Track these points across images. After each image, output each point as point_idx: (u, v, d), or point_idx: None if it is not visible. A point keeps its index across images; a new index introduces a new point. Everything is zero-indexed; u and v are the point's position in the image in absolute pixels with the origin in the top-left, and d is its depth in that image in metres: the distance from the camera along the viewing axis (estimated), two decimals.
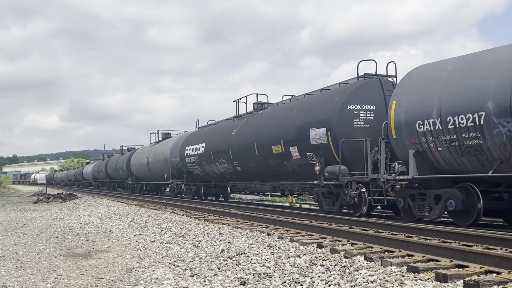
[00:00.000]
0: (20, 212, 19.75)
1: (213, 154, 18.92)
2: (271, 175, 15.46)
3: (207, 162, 19.68)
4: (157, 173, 27.80)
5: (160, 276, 6.70)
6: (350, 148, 11.77)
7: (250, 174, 16.91)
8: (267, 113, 16.35)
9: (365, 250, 6.80)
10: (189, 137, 23.20)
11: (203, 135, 21.07)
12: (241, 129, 17.24)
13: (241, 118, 18.33)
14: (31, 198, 33.23)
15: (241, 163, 17.03)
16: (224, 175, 18.91)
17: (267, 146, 14.90)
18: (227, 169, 18.22)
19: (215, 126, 21.05)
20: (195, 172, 21.39)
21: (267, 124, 15.49)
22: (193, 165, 21.28)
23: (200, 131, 22.56)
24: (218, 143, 18.71)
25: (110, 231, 12.58)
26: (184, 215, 13.88)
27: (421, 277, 5.18)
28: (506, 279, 4.81)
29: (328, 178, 12.04)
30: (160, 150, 27.63)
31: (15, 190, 59.57)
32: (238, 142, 17.00)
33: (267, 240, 8.30)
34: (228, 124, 19.13)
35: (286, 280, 5.62)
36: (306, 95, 15.08)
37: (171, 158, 24.67)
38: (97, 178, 49.41)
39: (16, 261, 8.20)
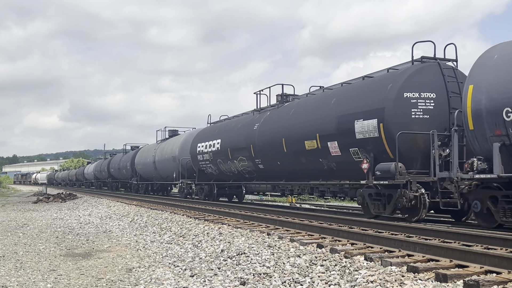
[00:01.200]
0: (20, 212, 19.75)
1: (231, 151, 17.35)
2: (301, 174, 13.93)
3: (222, 160, 18.17)
4: (165, 173, 26.27)
5: (160, 276, 6.70)
6: (407, 143, 10.29)
7: (275, 173, 15.37)
8: (297, 105, 14.61)
9: (365, 250, 6.80)
10: (201, 133, 21.54)
11: (217, 131, 19.38)
12: (264, 123, 15.65)
13: (263, 111, 16.60)
14: (31, 198, 33.22)
15: (265, 161, 15.51)
16: (242, 174, 17.39)
17: (299, 142, 13.33)
18: (246, 167, 16.73)
19: (231, 121, 19.29)
20: (208, 171, 19.84)
21: (298, 117, 13.82)
22: (205, 163, 19.72)
23: (214, 126, 20.88)
24: (237, 139, 17.11)
25: (110, 231, 12.58)
26: (184, 215, 13.89)
27: (421, 277, 5.18)
28: (506, 279, 4.81)
29: (380, 177, 10.51)
30: (167, 148, 26.02)
31: (15, 190, 59.56)
32: (262, 137, 15.46)
33: (267, 240, 8.30)
34: (248, 118, 17.37)
35: (286, 280, 5.62)
36: (344, 83, 13.46)
37: (180, 156, 23.09)
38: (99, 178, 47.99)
39: (16, 261, 8.19)
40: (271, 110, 16.09)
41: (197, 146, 20.50)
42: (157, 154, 27.34)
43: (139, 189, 32.47)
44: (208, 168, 19.73)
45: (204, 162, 19.86)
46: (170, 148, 25.26)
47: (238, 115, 19.61)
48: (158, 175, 27.72)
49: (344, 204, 21.85)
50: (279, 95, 16.29)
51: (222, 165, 18.34)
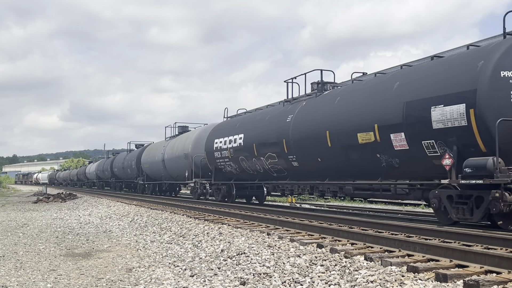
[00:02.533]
0: (20, 212, 19.75)
1: (257, 146, 15.43)
2: (350, 173, 12.07)
3: (245, 157, 16.29)
4: (175, 172, 24.37)
5: (160, 276, 6.70)
6: (507, 133, 8.37)
7: (314, 172, 13.36)
8: (343, 92, 12.56)
9: (365, 250, 6.80)
10: (218, 128, 19.48)
11: (239, 125, 17.34)
12: (300, 114, 13.62)
13: (297, 101, 14.56)
14: (31, 198, 33.22)
15: (301, 157, 13.49)
16: (269, 173, 15.52)
17: (349, 134, 11.38)
18: (275, 165, 14.85)
19: (256, 113, 17.22)
20: (227, 169, 17.98)
21: (348, 106, 11.77)
22: (224, 161, 17.82)
23: (234, 120, 18.78)
24: (265, 133, 15.19)
25: (110, 231, 12.58)
26: (184, 215, 13.89)
27: (421, 277, 5.18)
28: (506, 279, 4.81)
29: (470, 176, 8.49)
30: (179, 144, 23.89)
31: (15, 190, 59.56)
32: (297, 130, 13.46)
33: (267, 240, 8.30)
34: (277, 110, 15.45)
35: (286, 280, 5.62)
36: (404, 66, 11.36)
37: (193, 153, 21.13)
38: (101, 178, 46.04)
39: (16, 261, 8.19)
40: (307, 99, 13.98)
41: (214, 142, 18.56)
42: (167, 152, 25.46)
43: (145, 189, 30.71)
44: (227, 166, 17.88)
45: (222, 159, 18.00)
46: (182, 145, 23.30)
47: (262, 107, 17.77)
48: (168, 175, 25.89)
49: (344, 204, 21.86)
50: (315, 83, 14.32)
51: (245, 162, 16.49)
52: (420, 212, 15.67)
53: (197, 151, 20.98)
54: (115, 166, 39.09)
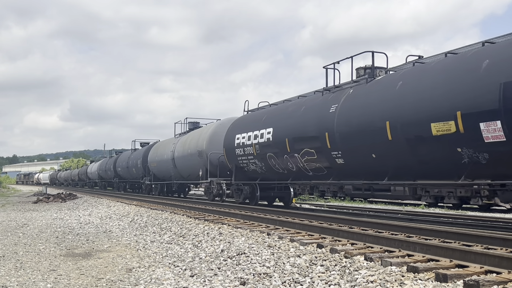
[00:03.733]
0: (20, 212, 19.75)
1: (290, 142, 13.61)
2: (417, 171, 10.12)
3: (275, 154, 14.49)
4: (186, 171, 22.72)
5: (160, 276, 6.70)
6: None
7: (366, 170, 11.43)
8: (405, 76, 10.53)
9: (365, 250, 6.80)
10: (240, 122, 17.60)
11: (266, 118, 15.49)
12: (348, 103, 11.71)
13: (340, 89, 12.68)
14: (31, 198, 33.23)
15: (348, 153, 11.60)
16: (304, 172, 13.58)
17: (419, 125, 9.50)
18: (313, 163, 12.90)
19: (288, 105, 15.19)
20: (250, 168, 16.21)
21: (415, 91, 9.83)
22: (247, 158, 16.11)
23: (258, 113, 16.82)
24: (301, 126, 13.29)
25: (110, 231, 12.58)
26: (184, 215, 13.89)
27: (421, 277, 5.18)
28: (506, 279, 4.81)
29: None
30: (191, 141, 22.21)
31: (15, 190, 59.57)
32: (345, 122, 11.51)
33: (267, 240, 8.30)
34: (315, 99, 13.53)
35: (286, 280, 5.62)
36: (486, 42, 9.50)
37: (209, 150, 19.55)
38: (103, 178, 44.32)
39: (16, 261, 8.19)
40: (355, 86, 12.03)
41: (235, 138, 16.83)
42: (177, 150, 23.77)
43: (152, 189, 28.95)
44: (251, 165, 16.11)
45: (245, 157, 16.30)
46: (195, 142, 21.54)
47: (291, 98, 15.79)
48: (178, 174, 24.16)
49: (344, 204, 21.86)
50: (362, 68, 12.45)
51: (274, 160, 14.72)
52: (420, 212, 15.67)
53: (212, 148, 19.49)
54: (119, 165, 37.54)
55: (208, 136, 20.24)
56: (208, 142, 20.00)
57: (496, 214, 15.87)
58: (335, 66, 13.14)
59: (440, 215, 14.24)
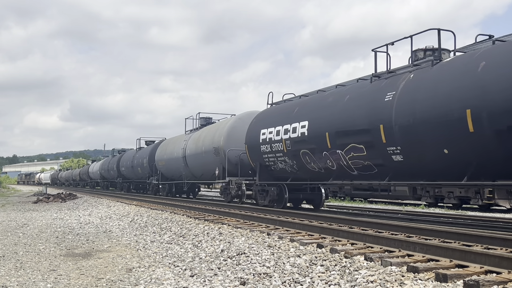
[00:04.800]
0: (20, 212, 19.75)
1: (332, 136, 11.97)
2: (498, 170, 8.65)
3: (312, 150, 12.87)
4: (199, 169, 21.25)
5: (160, 276, 6.70)
6: None
7: (433, 168, 9.78)
8: (487, 55, 8.83)
9: (365, 250, 6.80)
10: (266, 116, 15.96)
11: (299, 110, 13.82)
12: (409, 90, 10.03)
13: (395, 74, 10.87)
14: (31, 198, 33.23)
15: (410, 149, 9.93)
16: (348, 170, 11.88)
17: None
18: (362, 160, 11.19)
19: (325, 95, 13.35)
20: (278, 166, 14.71)
21: (502, 74, 8.22)
22: (275, 156, 14.59)
23: (288, 105, 15.07)
24: (346, 118, 11.60)
25: (110, 231, 12.58)
26: (184, 215, 13.89)
27: (421, 277, 5.18)
28: (506, 279, 4.81)
29: None
30: (205, 137, 20.53)
31: (15, 190, 59.57)
32: (407, 112, 9.86)
33: (267, 240, 8.30)
34: (362, 87, 11.70)
35: (286, 280, 5.62)
36: None
37: (227, 147, 17.98)
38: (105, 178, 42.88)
39: (16, 261, 8.19)
40: (416, 71, 10.34)
41: (260, 133, 15.33)
42: (189, 147, 22.20)
43: (159, 190, 27.35)
44: (279, 163, 14.59)
45: (272, 154, 14.78)
46: (210, 138, 19.84)
47: (327, 88, 14.07)
48: (189, 173, 22.52)
49: (344, 204, 21.87)
50: (422, 50, 10.62)
51: (309, 157, 13.08)
52: (420, 212, 15.68)
53: (231, 145, 18.02)
54: (123, 165, 35.92)
55: (226, 131, 18.58)
56: (226, 138, 18.38)
57: (496, 214, 15.88)
58: (388, 48, 11.29)
59: (440, 215, 14.24)
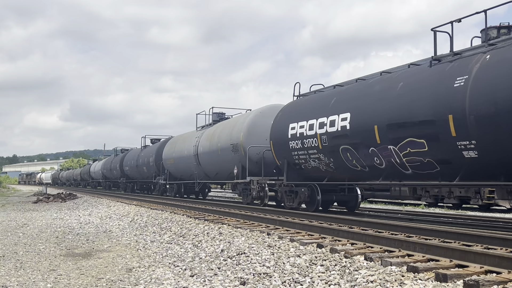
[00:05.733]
0: (20, 212, 19.75)
1: (382, 130, 10.54)
2: None
3: (355, 146, 11.41)
4: (214, 168, 19.86)
5: (160, 276, 6.70)
6: None
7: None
8: None
9: (365, 250, 6.80)
10: (294, 108, 14.55)
11: (336, 100, 12.38)
12: (487, 73, 8.59)
13: (460, 57, 9.50)
14: (31, 198, 33.23)
15: (487, 144, 8.56)
16: (400, 169, 10.45)
17: None
18: (421, 157, 9.77)
19: (371, 82, 11.75)
20: (311, 165, 13.26)
21: None
22: (307, 153, 13.17)
23: (322, 96, 13.57)
24: (400, 108, 10.15)
25: (110, 231, 12.58)
26: (184, 215, 13.89)
27: (421, 277, 5.18)
28: (506, 279, 4.81)
29: None
30: (221, 133, 19.01)
31: (15, 190, 59.57)
32: (488, 99, 8.41)
33: (267, 240, 8.30)
34: (421, 72, 10.22)
35: (286, 280, 5.62)
36: None
37: (247, 144, 16.54)
38: (108, 178, 41.64)
39: (16, 261, 8.20)
40: (492, 51, 8.84)
41: (288, 127, 13.94)
42: (202, 144, 20.69)
43: (166, 190, 26.06)
44: (312, 161, 13.19)
45: (303, 151, 13.34)
46: (227, 134, 18.32)
47: (367, 76, 12.53)
48: (202, 172, 21.06)
49: None
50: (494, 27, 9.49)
51: (352, 154, 11.61)
52: (420, 212, 15.67)
53: (252, 141, 16.58)
54: (126, 164, 34.49)
55: (246, 126, 17.05)
56: (246, 134, 16.85)
57: (496, 214, 15.87)
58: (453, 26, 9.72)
59: (440, 215, 14.24)
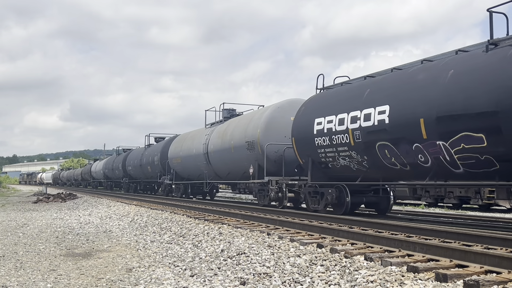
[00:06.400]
0: (20, 212, 19.75)
1: (429, 123, 9.59)
2: None
3: (395, 142, 10.35)
4: (226, 167, 18.83)
5: (160, 276, 6.69)
6: None
7: None
8: None
9: (365, 250, 6.80)
10: (319, 102, 13.37)
11: (370, 92, 11.27)
12: None
13: None
14: (31, 198, 33.22)
15: None
16: (450, 167, 9.48)
17: None
18: (477, 153, 8.87)
19: (411, 71, 10.59)
20: (340, 163, 12.20)
21: None
22: (337, 150, 12.05)
23: (352, 88, 12.38)
24: (452, 98, 9.17)
25: (110, 231, 12.58)
26: (184, 215, 13.89)
27: (421, 277, 5.18)
28: (506, 279, 4.81)
29: None
30: (234, 130, 17.90)
31: (15, 190, 59.56)
32: None
33: (267, 240, 8.30)
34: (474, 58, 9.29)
35: (286, 280, 5.62)
36: None
37: (265, 141, 15.53)
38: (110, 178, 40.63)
39: (16, 261, 8.19)
40: None
41: (314, 122, 12.77)
42: (212, 142, 19.60)
43: (171, 190, 25.17)
44: (341, 159, 12.06)
45: (331, 148, 12.24)
46: (242, 131, 17.20)
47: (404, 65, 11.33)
48: (212, 172, 20.06)
49: None
50: None
51: (390, 151, 10.51)
52: (420, 212, 15.66)
53: (270, 138, 15.61)
54: (129, 163, 33.45)
55: (263, 122, 15.97)
56: (264, 131, 15.79)
57: (496, 214, 15.87)
58: None
59: (440, 215, 14.24)
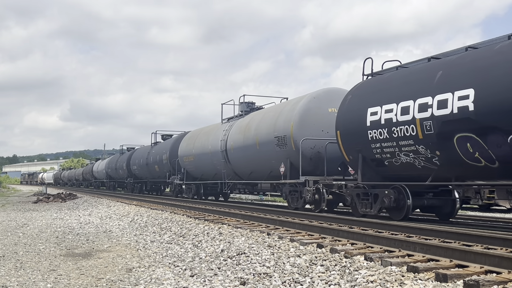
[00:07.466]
0: (20, 212, 19.75)
1: None
2: None
3: (482, 134, 8.61)
4: (249, 166, 16.82)
5: (160, 276, 6.70)
6: None
7: None
8: None
9: (365, 250, 6.80)
10: (372, 89, 11.52)
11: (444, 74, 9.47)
12: None
13: None
14: (31, 198, 33.22)
15: None
16: None
17: None
18: None
19: (502, 47, 8.79)
20: (400, 160, 10.45)
21: None
22: (398, 145, 10.24)
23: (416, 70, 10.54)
24: None
25: (110, 231, 12.58)
26: (184, 215, 13.89)
27: (421, 277, 5.18)
28: (506, 279, 4.81)
29: None
30: (260, 124, 16.02)
31: (15, 190, 59.55)
32: None
33: (267, 240, 8.30)
34: None
35: (286, 280, 5.62)
36: None
37: (299, 136, 13.59)
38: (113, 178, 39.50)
39: (16, 261, 8.19)
40: None
41: (367, 113, 11.02)
42: (232, 138, 17.69)
43: (182, 191, 23.34)
44: (403, 155, 10.31)
45: (391, 143, 10.45)
46: (270, 124, 15.24)
47: (490, 40, 9.54)
48: (231, 171, 18.14)
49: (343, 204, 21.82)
50: None
51: (476, 144, 8.76)
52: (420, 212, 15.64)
53: (305, 132, 13.63)
54: (134, 163, 31.82)
55: (297, 114, 13.91)
56: (298, 124, 13.78)
57: (496, 214, 15.85)
58: None
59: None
